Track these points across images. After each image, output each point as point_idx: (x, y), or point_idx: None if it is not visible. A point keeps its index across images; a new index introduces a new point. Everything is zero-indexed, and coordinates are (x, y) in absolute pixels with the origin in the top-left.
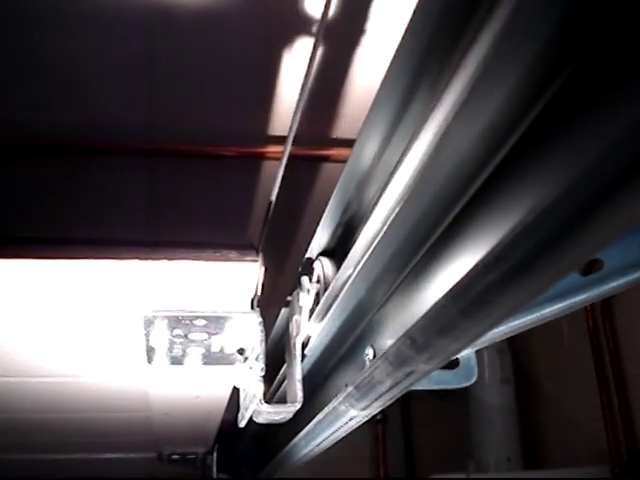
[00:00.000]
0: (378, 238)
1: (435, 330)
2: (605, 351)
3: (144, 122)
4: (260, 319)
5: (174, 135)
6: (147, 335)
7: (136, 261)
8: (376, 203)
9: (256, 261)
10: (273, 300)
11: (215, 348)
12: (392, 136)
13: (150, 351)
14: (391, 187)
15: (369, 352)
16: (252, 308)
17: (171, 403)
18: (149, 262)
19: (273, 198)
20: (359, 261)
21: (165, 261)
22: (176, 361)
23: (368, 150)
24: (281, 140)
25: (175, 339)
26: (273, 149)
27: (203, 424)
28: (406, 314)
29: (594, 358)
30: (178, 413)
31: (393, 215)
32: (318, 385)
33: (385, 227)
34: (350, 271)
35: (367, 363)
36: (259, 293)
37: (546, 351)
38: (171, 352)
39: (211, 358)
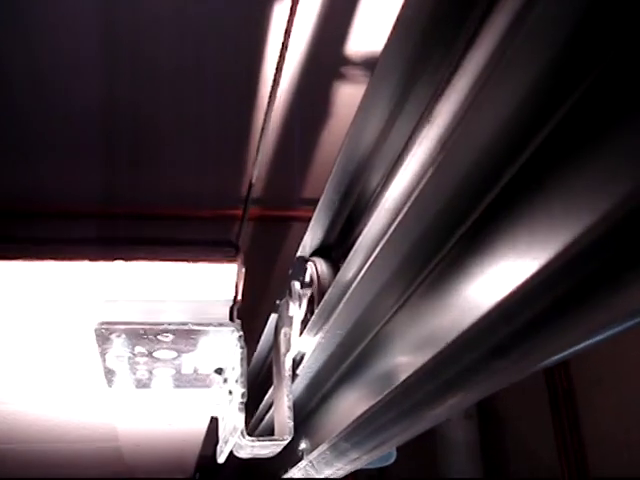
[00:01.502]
0: (389, 233)
1: (485, 350)
2: (560, 390)
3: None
4: (240, 333)
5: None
6: (102, 354)
7: (86, 262)
8: (382, 192)
9: (234, 261)
10: (258, 309)
11: (187, 369)
12: (399, 112)
13: (109, 373)
14: (402, 173)
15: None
16: (231, 319)
17: (141, 432)
18: (100, 263)
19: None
20: (363, 261)
21: (121, 262)
22: (141, 384)
23: (369, 128)
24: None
25: (138, 358)
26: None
27: (180, 453)
28: (424, 327)
29: (549, 397)
30: (151, 443)
31: (407, 206)
32: (313, 411)
33: (398, 219)
34: (351, 274)
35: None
36: (239, 300)
37: (506, 388)
38: (134, 374)
39: (183, 380)
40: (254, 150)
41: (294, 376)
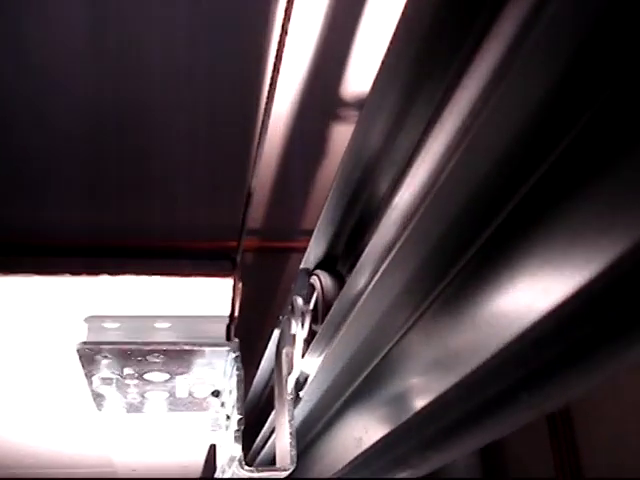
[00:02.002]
0: (399, 243)
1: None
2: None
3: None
4: (237, 353)
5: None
6: (89, 376)
7: (69, 276)
8: (390, 199)
9: (230, 275)
10: (256, 344)
11: (181, 392)
12: (406, 115)
13: (97, 397)
14: (411, 178)
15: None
16: (228, 339)
17: (138, 457)
18: (84, 278)
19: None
20: (371, 274)
21: (106, 276)
22: (133, 408)
23: (374, 133)
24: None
25: (127, 381)
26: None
27: (183, 478)
28: (440, 349)
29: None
30: (148, 468)
31: (420, 213)
32: (317, 437)
33: (409, 228)
34: (359, 288)
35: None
36: (236, 318)
37: None
38: (125, 397)
39: (178, 404)
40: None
41: (297, 400)
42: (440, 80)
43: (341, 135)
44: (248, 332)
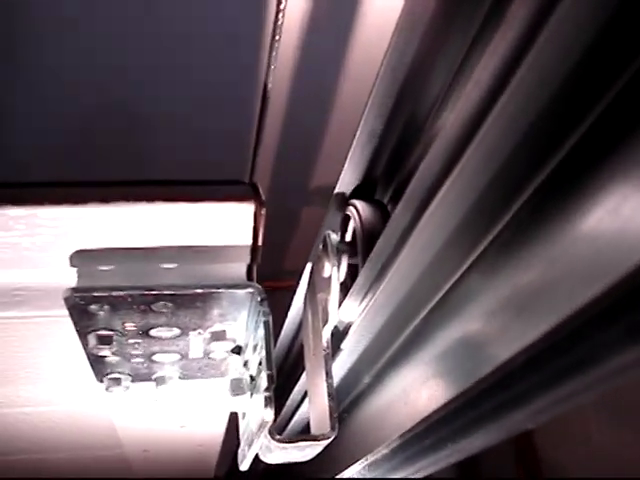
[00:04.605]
0: (461, 162)
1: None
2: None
3: None
4: (263, 295)
5: None
6: (82, 334)
7: (48, 206)
8: (441, 111)
9: (250, 199)
10: (282, 267)
11: (195, 351)
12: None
13: (95, 362)
14: (473, 83)
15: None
16: (249, 279)
17: (148, 436)
18: (71, 207)
19: None
20: (425, 200)
21: (96, 205)
22: (139, 377)
23: (420, 34)
24: None
25: (130, 340)
26: None
27: (198, 458)
28: (513, 286)
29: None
30: (160, 449)
31: (485, 127)
32: (356, 401)
33: (477, 139)
34: (410, 217)
35: None
36: (259, 255)
37: None
38: (129, 361)
39: (191, 369)
40: None
41: (334, 354)
42: None
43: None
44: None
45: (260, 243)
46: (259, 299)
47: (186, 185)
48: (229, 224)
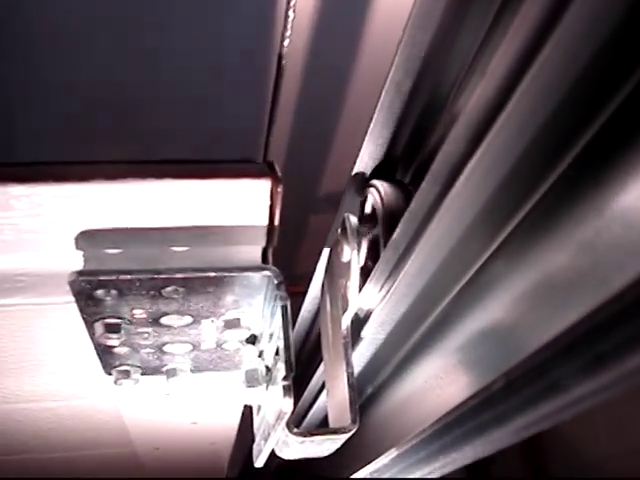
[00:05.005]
0: (487, 139)
1: None
2: None
3: None
4: (280, 279)
5: None
6: (89, 323)
7: (52, 184)
8: (466, 83)
9: (266, 176)
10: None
11: (208, 341)
12: None
13: (103, 353)
14: (500, 54)
15: None
16: (264, 261)
17: (159, 433)
18: (76, 185)
19: None
20: (450, 179)
21: (103, 182)
22: (150, 369)
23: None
24: None
25: (140, 328)
26: None
27: (210, 458)
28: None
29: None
30: (172, 446)
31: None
32: (379, 389)
33: (502, 116)
34: (434, 197)
35: None
36: (275, 237)
37: None
38: (138, 352)
39: (204, 361)
40: None
41: (354, 343)
42: None
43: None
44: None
45: (277, 223)
46: (276, 282)
47: (197, 164)
48: (243, 203)
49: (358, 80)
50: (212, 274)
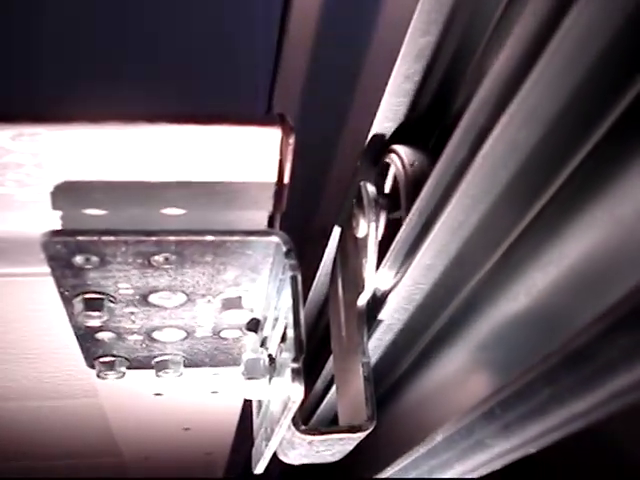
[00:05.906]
0: (520, 95)
1: None
2: None
3: None
4: (290, 245)
5: None
6: (65, 298)
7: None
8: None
9: (276, 124)
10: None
11: (204, 327)
12: None
13: (83, 338)
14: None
15: None
16: (271, 226)
17: (148, 441)
18: (55, 129)
19: None
20: (477, 142)
21: (86, 126)
22: (137, 361)
23: None
24: None
25: (125, 308)
26: None
27: (205, 466)
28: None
29: None
30: (163, 455)
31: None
32: (398, 383)
33: (531, 75)
34: (459, 162)
35: None
36: (285, 200)
37: None
38: (124, 341)
39: (197, 353)
40: None
41: (369, 330)
42: None
43: None
44: None
45: (287, 181)
46: (285, 249)
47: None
48: (248, 156)
49: (377, 34)
50: (210, 238)
